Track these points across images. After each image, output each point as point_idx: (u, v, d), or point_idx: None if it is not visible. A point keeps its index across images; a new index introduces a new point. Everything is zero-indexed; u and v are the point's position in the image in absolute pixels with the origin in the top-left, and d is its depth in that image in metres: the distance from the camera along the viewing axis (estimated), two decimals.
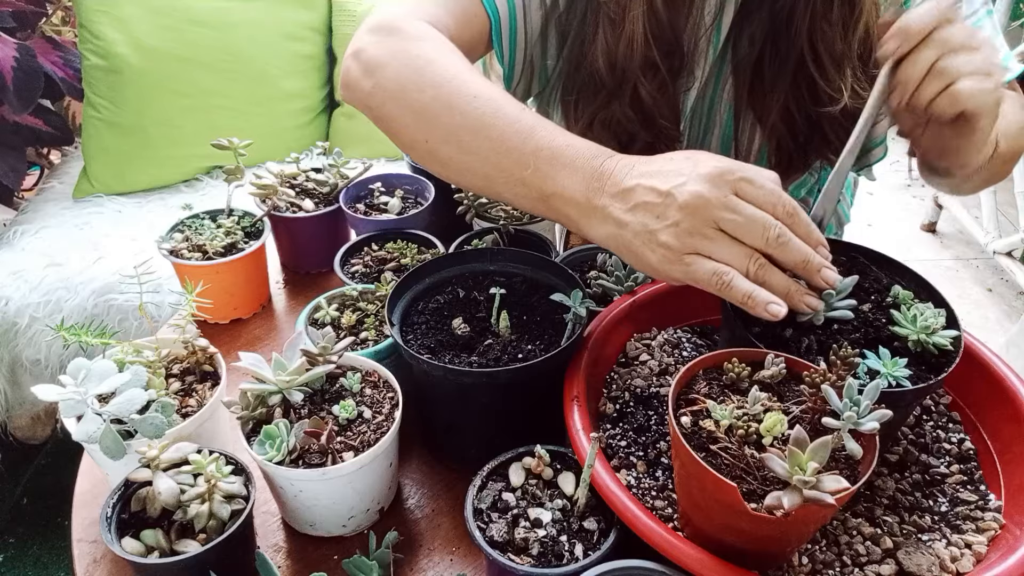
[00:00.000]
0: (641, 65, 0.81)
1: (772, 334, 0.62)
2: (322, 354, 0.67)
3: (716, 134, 0.94)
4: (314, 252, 1.01)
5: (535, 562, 0.56)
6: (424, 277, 0.77)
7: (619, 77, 0.83)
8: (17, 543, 1.69)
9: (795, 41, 0.79)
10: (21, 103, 1.72)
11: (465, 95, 0.68)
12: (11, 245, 1.68)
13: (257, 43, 1.83)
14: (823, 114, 0.83)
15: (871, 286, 0.67)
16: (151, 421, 0.61)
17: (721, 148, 0.95)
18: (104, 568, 0.66)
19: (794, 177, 0.93)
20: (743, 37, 0.84)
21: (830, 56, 0.79)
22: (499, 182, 0.67)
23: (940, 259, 2.66)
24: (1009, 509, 0.61)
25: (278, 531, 0.69)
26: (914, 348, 0.62)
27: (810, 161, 0.90)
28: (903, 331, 0.62)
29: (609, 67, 0.82)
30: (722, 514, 0.50)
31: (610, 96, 0.85)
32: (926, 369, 0.61)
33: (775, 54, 0.82)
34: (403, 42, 0.73)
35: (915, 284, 0.68)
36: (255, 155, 1.03)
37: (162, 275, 0.76)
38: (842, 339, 0.62)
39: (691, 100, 0.89)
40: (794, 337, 0.63)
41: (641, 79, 0.82)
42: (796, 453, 0.47)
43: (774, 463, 0.48)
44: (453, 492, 0.72)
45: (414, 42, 0.73)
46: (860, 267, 0.70)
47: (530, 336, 0.71)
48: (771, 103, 0.84)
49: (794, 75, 0.82)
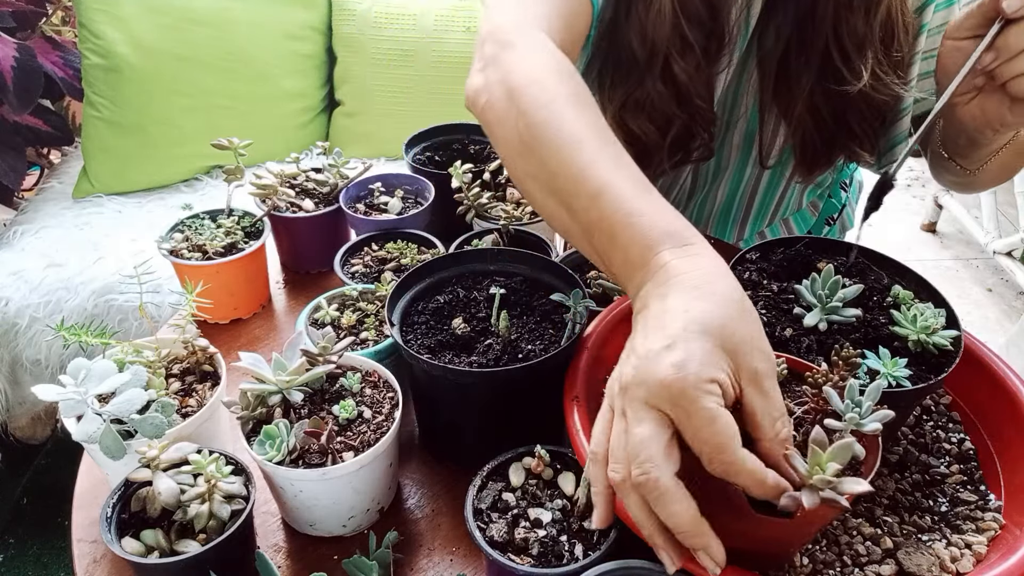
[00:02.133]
0: (670, 37, 0.81)
1: (771, 335, 0.62)
2: (322, 354, 0.67)
3: (740, 127, 0.94)
4: (314, 252, 1.01)
5: (535, 562, 0.56)
6: (424, 277, 0.77)
7: (650, 50, 0.83)
8: (17, 543, 1.69)
9: (820, 29, 0.80)
10: (21, 103, 1.72)
11: (552, 129, 0.61)
12: (11, 245, 1.68)
13: (257, 42, 1.83)
14: (849, 107, 0.84)
15: (871, 286, 0.67)
16: (151, 421, 0.61)
17: (744, 142, 0.96)
18: (104, 568, 0.66)
19: (818, 172, 0.93)
20: (770, 29, 0.84)
21: (852, 40, 0.79)
22: (575, 239, 0.62)
23: (940, 259, 2.66)
24: (1009, 509, 0.61)
25: (278, 531, 0.69)
26: (914, 348, 0.62)
27: (834, 156, 0.90)
28: (903, 331, 0.62)
29: (641, 41, 0.82)
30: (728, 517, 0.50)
31: (643, 73, 0.84)
32: (926, 369, 0.61)
33: (801, 45, 0.82)
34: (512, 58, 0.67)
35: (915, 284, 0.68)
36: (255, 155, 1.03)
37: (162, 275, 0.76)
38: (842, 339, 0.63)
39: (723, 88, 0.90)
40: (794, 337, 0.63)
41: (673, 54, 0.82)
42: (817, 453, 0.47)
43: (796, 460, 0.48)
44: (453, 492, 0.72)
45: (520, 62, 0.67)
46: (860, 267, 0.70)
47: (530, 336, 0.71)
48: (797, 96, 0.85)
49: (820, 67, 0.82)
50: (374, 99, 1.92)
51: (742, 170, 1.00)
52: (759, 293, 0.68)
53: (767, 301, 0.67)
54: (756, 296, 0.68)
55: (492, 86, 0.67)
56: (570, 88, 0.65)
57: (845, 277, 0.67)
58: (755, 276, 0.70)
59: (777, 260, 0.71)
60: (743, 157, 0.98)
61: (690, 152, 0.91)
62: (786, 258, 0.71)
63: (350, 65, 1.92)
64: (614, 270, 0.58)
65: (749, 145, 0.95)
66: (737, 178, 1.01)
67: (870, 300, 0.66)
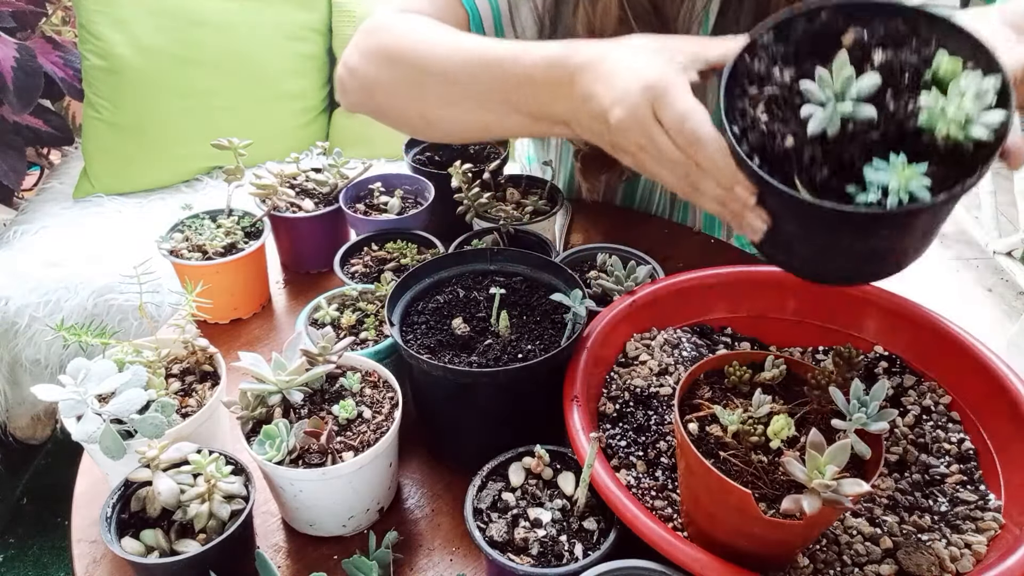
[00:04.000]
0: (616, 31, 0.81)
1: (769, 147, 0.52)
2: (322, 354, 0.67)
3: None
4: (314, 252, 1.01)
5: (535, 562, 0.56)
6: (424, 277, 0.77)
7: None
8: (17, 543, 1.69)
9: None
10: (21, 103, 1.72)
11: (433, 55, 0.71)
12: (11, 245, 1.68)
13: (257, 43, 1.83)
14: None
15: (911, 61, 0.52)
16: (151, 421, 0.61)
17: None
18: (104, 568, 0.66)
19: None
20: (728, 24, 0.84)
21: None
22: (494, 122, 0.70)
23: (940, 259, 2.66)
24: (1009, 509, 0.61)
25: (278, 531, 0.69)
26: (944, 145, 0.48)
27: None
28: (931, 122, 0.48)
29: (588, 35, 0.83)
30: (734, 519, 0.50)
31: None
32: (959, 173, 0.48)
33: None
34: (377, 35, 0.77)
35: (969, 47, 0.51)
36: (255, 155, 1.03)
37: (162, 275, 0.76)
38: (852, 147, 0.50)
39: None
40: (795, 148, 0.51)
41: None
42: (815, 456, 0.47)
43: (793, 467, 0.47)
44: (453, 492, 0.72)
45: (385, 31, 0.76)
46: (896, 35, 0.54)
47: (530, 336, 0.71)
48: None
49: None
50: None
51: None
52: (763, 89, 0.54)
53: (774, 100, 0.54)
54: (760, 96, 0.54)
55: (369, 55, 0.77)
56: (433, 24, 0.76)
57: (880, 47, 0.53)
58: (763, 68, 0.56)
59: (796, 38, 0.56)
60: None
61: None
62: (807, 35, 0.56)
63: None
64: (539, 109, 0.65)
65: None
66: None
67: (901, 83, 0.52)
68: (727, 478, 0.48)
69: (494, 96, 0.68)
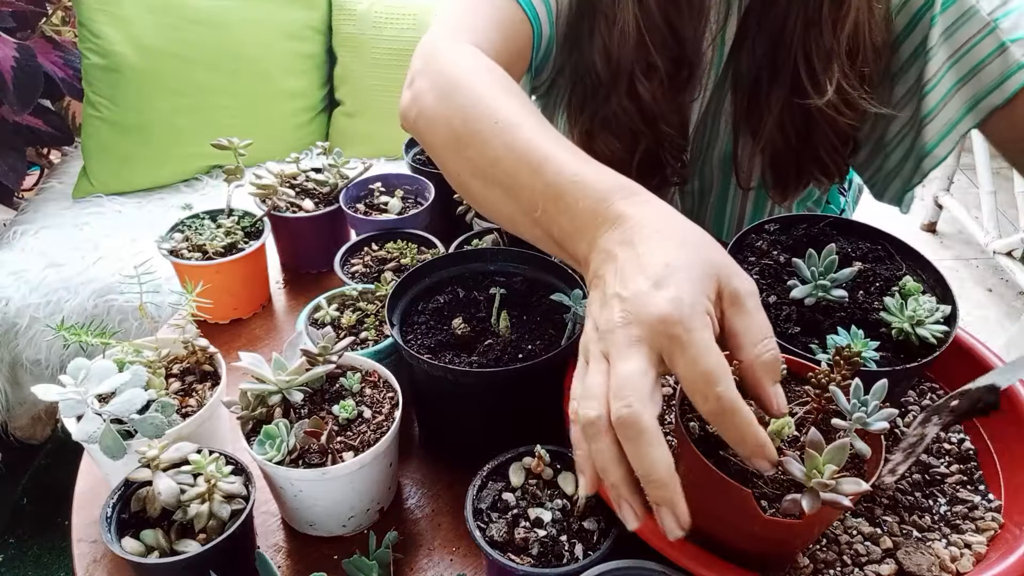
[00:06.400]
0: (635, 58, 0.81)
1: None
2: (322, 354, 0.67)
3: (718, 149, 0.94)
4: (314, 252, 1.01)
5: (535, 562, 0.56)
6: (424, 277, 0.77)
7: (614, 70, 0.83)
8: (17, 543, 1.69)
9: (790, 45, 0.79)
10: (21, 103, 1.72)
11: (488, 119, 0.61)
12: (11, 245, 1.68)
13: (257, 42, 1.83)
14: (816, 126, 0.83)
15: (883, 274, 0.66)
16: (151, 421, 0.61)
17: (722, 164, 0.95)
18: (104, 568, 0.66)
19: (792, 194, 0.92)
20: (744, 49, 0.84)
21: (820, 53, 0.79)
22: (520, 223, 0.61)
23: (940, 259, 2.66)
24: (1009, 509, 0.61)
25: (278, 531, 0.69)
26: (897, 336, 0.61)
27: (804, 176, 0.89)
28: (889, 318, 0.62)
29: (605, 61, 0.82)
30: (734, 519, 0.50)
31: (608, 92, 0.84)
32: (905, 359, 0.60)
33: (772, 63, 0.82)
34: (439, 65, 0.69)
35: (933, 280, 0.66)
36: (255, 155, 1.03)
37: (162, 275, 0.76)
38: (823, 318, 0.63)
39: (698, 113, 0.89)
40: (777, 304, 0.63)
41: (638, 74, 0.82)
42: (814, 456, 0.47)
43: (792, 466, 0.47)
44: (453, 492, 0.72)
45: (449, 66, 0.68)
46: (881, 255, 0.69)
47: (530, 336, 0.71)
48: (767, 114, 0.84)
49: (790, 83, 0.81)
50: (374, 99, 1.92)
51: (727, 191, 1.00)
52: (761, 261, 0.67)
53: (767, 268, 0.67)
54: (757, 263, 0.67)
55: (422, 95, 0.68)
56: (499, 81, 0.66)
57: (860, 261, 0.66)
58: (765, 246, 0.69)
59: (797, 235, 0.70)
60: (725, 180, 0.98)
61: (667, 178, 0.91)
62: (806, 235, 0.70)
63: (350, 65, 1.92)
64: (561, 237, 0.56)
65: (727, 166, 0.95)
66: (723, 199, 1.01)
67: (872, 285, 0.66)
68: (727, 477, 0.48)
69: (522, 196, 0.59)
